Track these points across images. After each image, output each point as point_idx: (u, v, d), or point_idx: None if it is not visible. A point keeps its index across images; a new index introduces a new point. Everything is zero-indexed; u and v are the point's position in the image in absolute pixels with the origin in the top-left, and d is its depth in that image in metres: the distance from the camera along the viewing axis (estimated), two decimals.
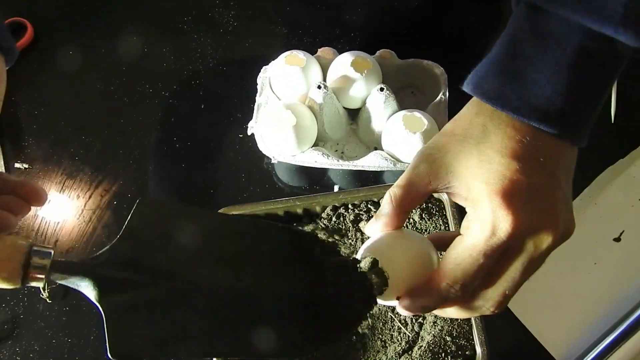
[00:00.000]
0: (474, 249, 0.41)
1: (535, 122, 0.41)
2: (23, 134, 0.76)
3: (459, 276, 0.41)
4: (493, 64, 0.43)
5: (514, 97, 0.41)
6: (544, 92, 0.41)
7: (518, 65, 0.42)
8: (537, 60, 0.41)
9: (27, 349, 0.66)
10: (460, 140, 0.42)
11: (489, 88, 0.42)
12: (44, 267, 0.41)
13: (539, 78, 0.41)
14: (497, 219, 0.40)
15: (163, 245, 0.46)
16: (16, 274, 0.40)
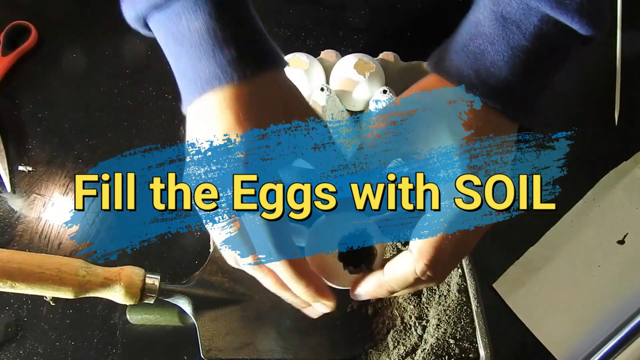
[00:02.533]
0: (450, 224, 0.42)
1: (490, 100, 0.43)
2: (27, 137, 0.77)
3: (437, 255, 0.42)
4: (455, 42, 0.45)
5: (473, 75, 0.43)
6: (501, 73, 0.43)
7: (479, 45, 0.43)
8: (498, 41, 0.43)
9: (31, 351, 0.66)
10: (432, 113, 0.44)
11: (449, 64, 0.44)
12: (154, 290, 0.55)
13: (496, 59, 0.43)
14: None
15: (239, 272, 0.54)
16: (136, 296, 0.54)
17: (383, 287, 0.45)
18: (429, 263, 0.42)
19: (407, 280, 0.43)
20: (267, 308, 0.60)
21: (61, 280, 0.51)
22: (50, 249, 0.71)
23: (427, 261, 0.42)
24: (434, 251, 0.42)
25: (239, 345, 0.58)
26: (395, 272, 0.44)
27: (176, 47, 0.44)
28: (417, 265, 0.42)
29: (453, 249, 0.43)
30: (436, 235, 0.42)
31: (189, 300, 0.57)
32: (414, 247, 0.43)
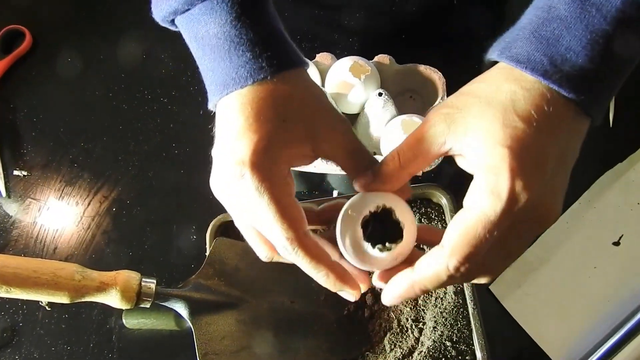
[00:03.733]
0: (488, 221, 0.38)
1: (566, 90, 0.38)
2: (22, 141, 0.76)
3: (472, 252, 0.38)
4: (524, 29, 0.41)
5: (546, 61, 0.39)
6: (578, 60, 0.38)
7: (552, 30, 0.39)
8: (574, 25, 0.39)
9: (27, 356, 0.66)
10: (486, 104, 0.39)
11: (519, 52, 0.40)
12: (150, 294, 0.54)
13: (573, 44, 0.39)
14: (517, 190, 0.37)
15: (235, 275, 0.60)
16: (132, 300, 0.53)
17: (415, 287, 0.41)
18: (462, 260, 0.38)
19: (439, 278, 0.40)
20: (263, 311, 0.60)
21: (57, 285, 0.51)
22: (45, 254, 0.71)
23: (460, 257, 0.38)
24: (468, 247, 0.38)
25: (236, 349, 0.58)
26: (426, 269, 0.40)
27: (199, 49, 0.44)
28: (450, 262, 0.39)
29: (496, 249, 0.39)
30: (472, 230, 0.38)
31: (185, 304, 0.57)
32: (447, 240, 0.39)
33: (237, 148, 0.40)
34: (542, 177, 0.38)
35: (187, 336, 0.59)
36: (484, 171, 0.38)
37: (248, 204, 0.41)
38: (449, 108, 0.40)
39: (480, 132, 0.39)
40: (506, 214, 0.37)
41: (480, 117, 0.39)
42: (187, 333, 0.59)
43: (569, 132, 0.40)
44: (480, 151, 0.39)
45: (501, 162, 0.37)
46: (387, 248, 0.42)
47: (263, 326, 0.59)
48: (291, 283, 0.61)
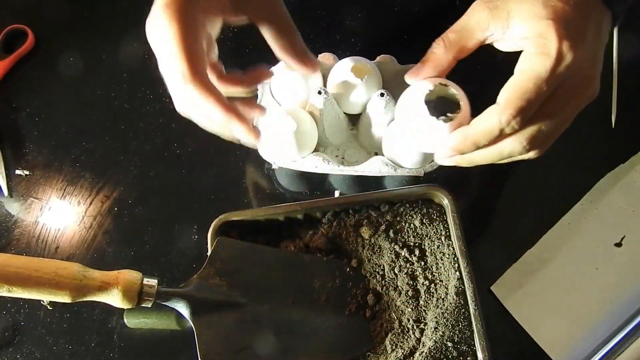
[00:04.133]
0: (539, 78, 0.42)
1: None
2: (24, 140, 0.77)
3: (524, 105, 0.42)
4: None
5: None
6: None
7: None
8: None
9: (28, 356, 0.66)
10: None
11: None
12: (152, 294, 0.54)
13: None
14: (564, 48, 0.42)
15: (236, 275, 0.60)
16: (133, 300, 0.53)
17: (468, 139, 0.45)
18: (514, 113, 0.42)
19: (492, 131, 0.44)
20: (264, 311, 0.60)
21: (58, 284, 0.51)
22: (47, 253, 0.71)
23: (512, 111, 0.42)
24: (520, 101, 0.42)
25: (237, 349, 0.58)
26: (480, 122, 0.44)
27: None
28: (503, 115, 0.43)
29: (545, 113, 0.43)
30: (523, 86, 0.42)
31: (187, 304, 0.57)
32: (501, 97, 0.43)
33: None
34: (583, 42, 0.43)
35: (188, 336, 0.60)
36: (533, 38, 0.43)
37: (162, 43, 0.47)
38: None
39: (524, 13, 0.43)
40: (555, 70, 0.42)
41: (521, 1, 0.44)
42: (189, 333, 0.59)
43: (598, 17, 0.44)
44: (527, 26, 0.43)
45: (548, 29, 0.42)
46: (449, 118, 0.46)
47: (264, 326, 0.59)
48: (292, 283, 0.61)
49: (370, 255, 0.64)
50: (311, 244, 0.65)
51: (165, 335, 0.67)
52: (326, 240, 0.64)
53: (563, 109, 0.44)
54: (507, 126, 0.43)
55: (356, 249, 0.64)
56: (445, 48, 0.46)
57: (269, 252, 0.63)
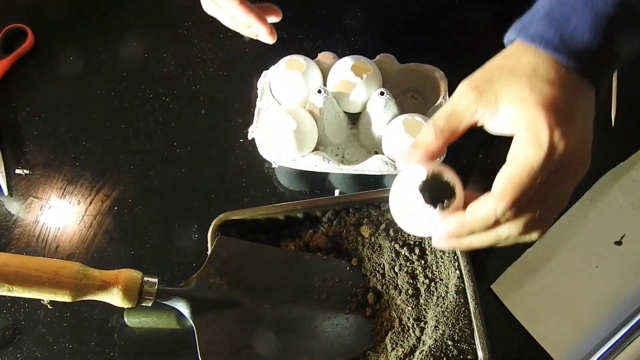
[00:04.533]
0: (532, 169, 0.42)
1: (573, 62, 0.44)
2: (24, 140, 0.77)
3: (519, 197, 0.43)
4: (538, 11, 0.47)
5: (557, 39, 0.45)
6: (583, 38, 0.44)
7: (562, 13, 0.45)
8: (581, 8, 0.45)
9: (29, 355, 0.66)
10: (510, 74, 0.45)
11: (534, 32, 0.46)
12: (152, 293, 0.55)
13: (580, 24, 0.44)
14: (555, 139, 0.42)
15: (236, 274, 0.60)
16: (134, 299, 0.53)
17: (464, 227, 0.46)
18: (509, 204, 0.43)
19: (487, 219, 0.44)
20: (265, 310, 0.60)
21: (58, 284, 0.51)
22: (47, 252, 0.71)
23: (507, 202, 0.43)
24: (515, 193, 0.43)
25: (237, 348, 0.58)
26: (476, 210, 0.45)
27: None
28: (498, 206, 0.43)
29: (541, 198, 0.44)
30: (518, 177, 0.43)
31: (187, 303, 0.57)
32: (496, 187, 0.44)
33: None
34: (574, 128, 0.43)
35: (188, 335, 0.59)
36: (524, 127, 0.43)
37: None
38: (477, 80, 0.46)
39: (512, 97, 0.44)
40: (548, 160, 0.42)
41: (508, 85, 0.45)
42: (189, 332, 0.59)
43: (583, 95, 0.45)
44: (516, 112, 0.44)
45: (538, 117, 0.43)
46: (446, 205, 0.46)
47: (264, 325, 0.59)
48: (292, 282, 0.61)
49: (371, 254, 0.64)
50: (311, 243, 0.65)
51: (165, 334, 0.67)
52: (326, 239, 0.64)
53: (557, 193, 0.45)
54: (502, 216, 0.44)
55: (356, 248, 0.64)
56: (436, 135, 0.46)
57: (269, 251, 0.63)
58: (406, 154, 0.48)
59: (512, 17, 0.49)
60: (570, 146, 0.43)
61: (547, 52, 0.45)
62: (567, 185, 0.45)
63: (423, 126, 0.66)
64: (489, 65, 0.47)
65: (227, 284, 0.59)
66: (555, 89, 0.44)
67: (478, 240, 0.47)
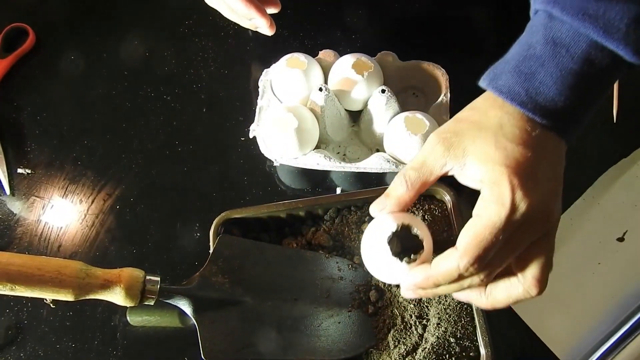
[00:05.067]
0: (494, 227, 0.44)
1: (539, 117, 0.45)
2: (26, 139, 0.77)
3: (481, 254, 0.44)
4: (508, 63, 0.48)
5: (523, 93, 0.46)
6: (549, 93, 0.45)
7: (530, 66, 0.46)
8: (547, 63, 0.46)
9: (32, 354, 0.66)
10: (477, 129, 0.46)
11: (502, 84, 0.47)
12: (155, 292, 0.54)
13: (546, 79, 0.45)
14: (517, 199, 0.44)
15: (239, 273, 0.60)
16: (136, 297, 0.54)
17: (429, 280, 0.47)
18: (472, 260, 0.44)
19: (451, 274, 0.46)
20: (267, 309, 0.60)
21: (61, 283, 0.51)
22: (49, 251, 0.71)
23: (470, 258, 0.44)
24: (477, 250, 0.44)
25: (240, 346, 0.58)
26: (440, 265, 0.46)
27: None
28: (461, 262, 0.45)
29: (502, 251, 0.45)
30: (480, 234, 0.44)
31: (189, 302, 0.57)
32: (460, 243, 0.45)
33: None
34: (538, 186, 0.45)
35: (191, 333, 0.60)
36: (488, 185, 0.45)
37: None
38: (446, 133, 0.47)
39: (477, 153, 0.46)
40: (509, 219, 0.44)
41: (474, 140, 0.46)
42: (191, 330, 0.59)
43: (551, 150, 0.47)
44: (481, 170, 0.45)
45: (501, 177, 0.44)
46: (412, 259, 0.48)
47: (266, 323, 0.59)
48: (294, 280, 0.61)
49: None
50: (313, 241, 0.65)
51: (168, 332, 0.67)
52: (328, 237, 0.64)
53: (520, 247, 0.46)
54: (466, 271, 0.45)
55: (358, 246, 0.64)
56: (407, 187, 0.48)
57: (271, 249, 0.63)
58: (378, 203, 0.50)
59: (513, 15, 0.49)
60: (533, 205, 0.44)
61: (514, 106, 0.46)
62: (530, 239, 0.46)
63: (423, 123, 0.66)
64: (458, 117, 0.48)
65: (229, 282, 0.59)
66: (520, 146, 0.45)
67: (443, 290, 0.49)
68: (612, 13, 0.44)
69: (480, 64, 0.51)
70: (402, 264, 0.48)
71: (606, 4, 0.44)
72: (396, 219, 0.49)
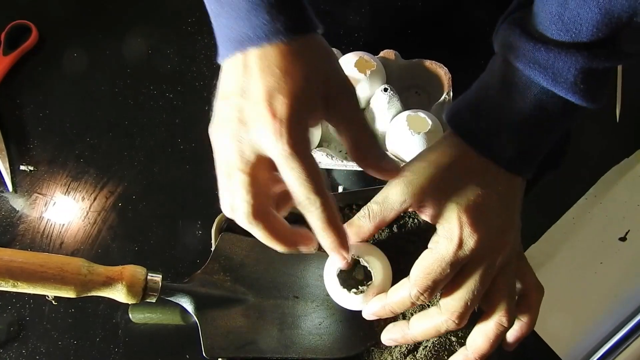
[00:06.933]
0: (443, 260, 0.47)
1: (492, 158, 0.48)
2: (28, 136, 0.77)
3: (430, 284, 0.48)
4: (467, 101, 0.50)
5: (479, 133, 0.49)
6: (502, 135, 0.48)
7: (486, 107, 0.49)
8: (502, 106, 0.48)
9: (33, 350, 0.66)
10: (435, 166, 0.49)
11: (459, 121, 0.50)
12: (156, 289, 0.54)
13: (501, 122, 0.48)
14: (464, 235, 0.47)
15: (240, 271, 0.60)
16: (138, 295, 0.53)
17: (386, 308, 0.51)
18: (421, 290, 0.48)
19: (404, 303, 0.50)
20: (268, 307, 0.60)
21: (63, 280, 0.51)
22: (52, 248, 0.71)
23: (419, 288, 0.48)
24: (426, 281, 0.47)
25: (241, 344, 0.58)
26: (395, 295, 0.50)
27: (217, 5, 0.46)
28: (412, 290, 0.48)
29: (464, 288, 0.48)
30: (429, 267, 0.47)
31: (191, 299, 0.57)
32: (412, 273, 0.49)
33: (275, 104, 0.43)
34: (486, 222, 0.47)
35: (192, 331, 0.60)
36: (440, 222, 0.48)
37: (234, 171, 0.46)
38: (407, 172, 0.49)
39: (433, 192, 0.48)
40: (457, 254, 0.47)
41: (430, 180, 0.48)
42: (193, 328, 0.59)
43: (503, 186, 0.49)
44: (435, 207, 0.48)
45: (451, 215, 0.47)
46: (360, 291, 0.53)
47: (268, 321, 0.59)
48: (296, 278, 0.61)
49: None
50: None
51: (169, 330, 0.67)
52: None
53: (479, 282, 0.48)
54: (417, 300, 0.49)
55: None
56: (369, 219, 0.50)
57: None
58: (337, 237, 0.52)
59: None
60: (481, 240, 0.47)
61: (469, 145, 0.48)
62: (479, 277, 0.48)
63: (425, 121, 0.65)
64: (419, 156, 0.51)
65: (231, 280, 0.59)
66: (472, 185, 0.48)
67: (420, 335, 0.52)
68: (560, 63, 0.46)
69: (483, 63, 0.51)
70: (350, 295, 0.53)
71: (555, 54, 0.46)
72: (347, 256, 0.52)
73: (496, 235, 0.48)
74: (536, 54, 0.46)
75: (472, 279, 0.48)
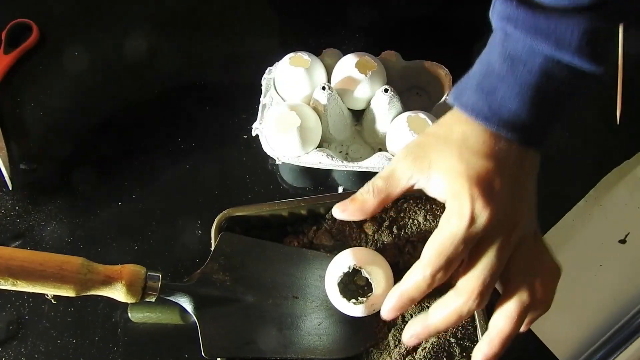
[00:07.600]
0: (455, 237, 0.46)
1: (504, 131, 0.47)
2: (28, 135, 0.77)
3: (443, 264, 0.46)
4: (471, 79, 0.49)
5: (486, 109, 0.47)
6: (511, 107, 0.47)
7: (491, 82, 0.48)
8: (507, 79, 0.47)
9: (32, 349, 0.66)
10: (443, 142, 0.48)
11: (466, 100, 0.48)
12: (156, 288, 0.54)
13: (507, 94, 0.47)
14: (476, 210, 0.45)
15: (240, 270, 0.60)
16: (137, 294, 0.53)
17: (403, 296, 0.49)
18: (436, 270, 0.47)
19: (419, 286, 0.48)
20: (268, 307, 0.60)
21: (63, 278, 0.51)
22: (51, 247, 0.71)
23: (432, 269, 0.47)
24: (439, 259, 0.46)
25: (241, 344, 0.58)
26: (409, 280, 0.49)
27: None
28: (425, 271, 0.47)
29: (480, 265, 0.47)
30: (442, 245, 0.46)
31: (190, 299, 0.57)
32: (424, 253, 0.47)
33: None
34: (498, 197, 0.46)
35: (192, 330, 0.60)
36: (450, 197, 0.47)
37: None
38: (414, 147, 0.49)
39: (441, 166, 0.47)
40: (469, 230, 0.46)
41: (439, 154, 0.48)
42: (192, 327, 0.59)
43: (514, 161, 0.48)
44: (444, 182, 0.47)
45: (462, 189, 0.46)
46: (360, 301, 0.54)
47: (267, 321, 0.59)
48: (295, 279, 0.61)
49: None
50: (315, 240, 0.65)
51: (169, 329, 0.67)
52: (330, 236, 0.64)
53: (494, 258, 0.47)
54: (433, 280, 0.47)
55: (360, 245, 0.64)
56: (373, 194, 0.50)
57: (273, 247, 0.63)
58: (341, 205, 0.52)
59: None
60: (493, 214, 0.45)
61: (478, 121, 0.47)
62: (494, 253, 0.47)
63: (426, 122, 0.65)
64: (426, 132, 0.50)
65: (231, 280, 0.59)
66: (483, 159, 0.46)
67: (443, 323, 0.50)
68: (562, 27, 0.45)
69: None
70: (349, 304, 0.53)
71: (556, 19, 0.45)
72: (352, 260, 0.54)
73: (510, 210, 0.47)
74: (537, 21, 0.45)
75: (487, 256, 0.47)
